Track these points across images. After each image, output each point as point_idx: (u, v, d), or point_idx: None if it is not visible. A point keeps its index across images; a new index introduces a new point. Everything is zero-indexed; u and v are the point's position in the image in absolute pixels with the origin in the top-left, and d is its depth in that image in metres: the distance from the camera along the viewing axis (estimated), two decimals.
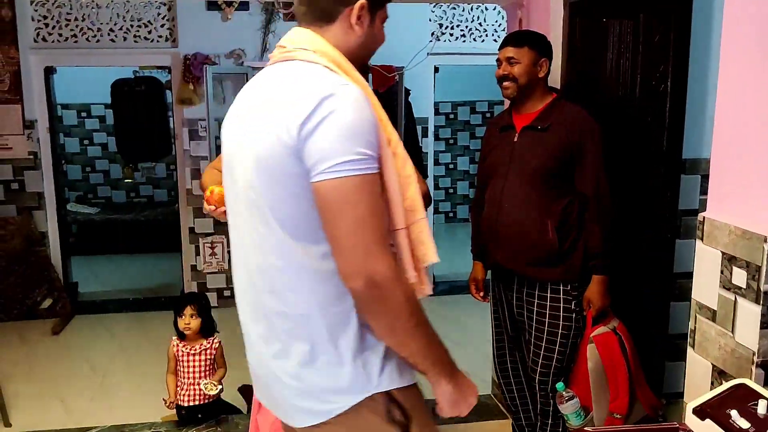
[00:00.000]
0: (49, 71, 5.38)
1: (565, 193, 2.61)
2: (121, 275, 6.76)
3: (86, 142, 8.19)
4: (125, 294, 6.14)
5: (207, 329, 3.38)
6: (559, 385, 2.60)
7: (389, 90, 5.41)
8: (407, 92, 5.56)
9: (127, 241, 7.42)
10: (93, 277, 6.36)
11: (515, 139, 2.69)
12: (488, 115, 8.71)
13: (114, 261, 7.12)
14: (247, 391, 3.86)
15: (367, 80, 5.29)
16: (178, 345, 3.35)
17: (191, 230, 5.64)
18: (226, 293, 5.75)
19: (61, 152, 6.60)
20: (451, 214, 8.84)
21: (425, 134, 5.77)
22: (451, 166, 8.73)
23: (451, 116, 8.60)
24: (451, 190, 8.78)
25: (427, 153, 5.83)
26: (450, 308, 5.80)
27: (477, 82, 7.86)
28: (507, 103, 2.97)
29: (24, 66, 5.20)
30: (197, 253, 5.67)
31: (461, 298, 5.99)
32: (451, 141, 8.67)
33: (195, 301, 3.36)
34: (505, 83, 2.68)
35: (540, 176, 2.60)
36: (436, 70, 5.82)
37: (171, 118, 7.39)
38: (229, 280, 5.74)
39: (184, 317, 3.32)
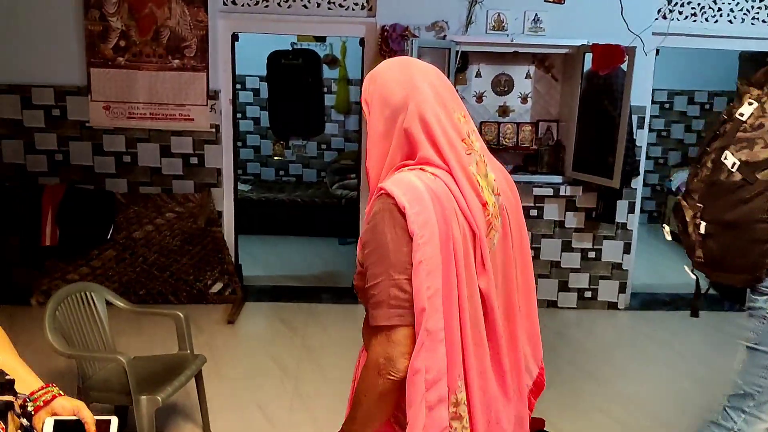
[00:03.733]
0: (234, 38, 4.97)
1: None
2: (280, 259, 6.38)
3: (239, 115, 7.84)
4: (290, 281, 5.75)
5: None
6: None
7: (610, 74, 4.71)
8: (624, 75, 4.82)
9: (283, 222, 7.05)
10: (252, 260, 5.98)
11: None
12: (707, 107, 7.85)
13: (269, 242, 6.76)
14: None
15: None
16: None
17: None
18: None
19: None
20: (655, 214, 8.03)
21: (641, 125, 5.04)
22: (661, 161, 7.93)
23: (666, 105, 7.81)
24: (658, 188, 7.95)
25: (640, 147, 5.10)
26: (654, 325, 5.10)
27: (697, 69, 7.06)
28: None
29: (212, 31, 4.80)
30: None
31: (661, 315, 5.30)
32: (664, 133, 7.88)
33: None
34: None
35: None
36: (657, 52, 5.05)
37: (326, 94, 7.03)
38: None
39: None
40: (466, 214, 1.38)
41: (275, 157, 7.84)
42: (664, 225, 2.56)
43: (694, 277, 2.39)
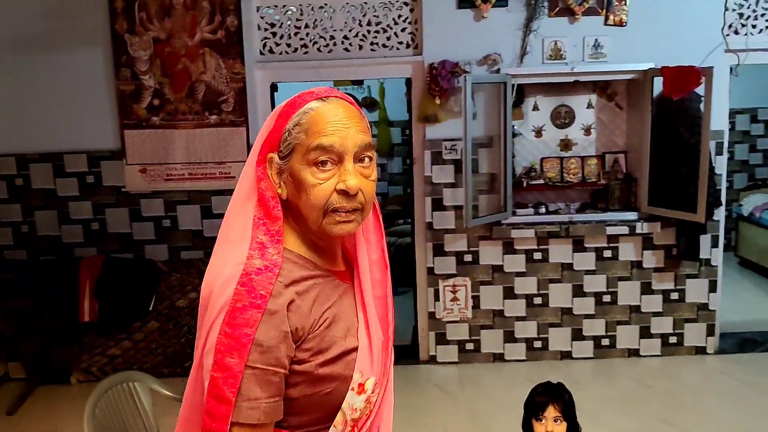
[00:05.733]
0: (273, 88, 4.67)
1: None
2: None
3: None
4: None
5: None
6: None
7: (684, 98, 4.29)
8: (699, 99, 4.40)
9: None
10: None
11: None
12: None
13: None
14: None
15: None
16: None
17: (429, 270, 4.75)
18: (468, 346, 4.80)
19: None
20: (725, 242, 7.38)
21: (719, 151, 4.59)
22: (726, 184, 7.33)
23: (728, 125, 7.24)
24: (726, 214, 7.34)
25: (720, 175, 4.63)
26: (749, 370, 4.58)
27: (758, 85, 6.62)
28: None
29: (249, 82, 4.51)
30: (436, 298, 4.76)
31: (755, 358, 4.76)
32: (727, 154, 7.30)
33: (559, 400, 2.39)
34: None
35: None
36: (730, 71, 4.62)
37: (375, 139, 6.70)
38: (472, 331, 4.81)
39: (544, 421, 2.36)
40: None
41: None
42: None
43: None
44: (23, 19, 4.47)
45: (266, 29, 4.55)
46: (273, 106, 4.68)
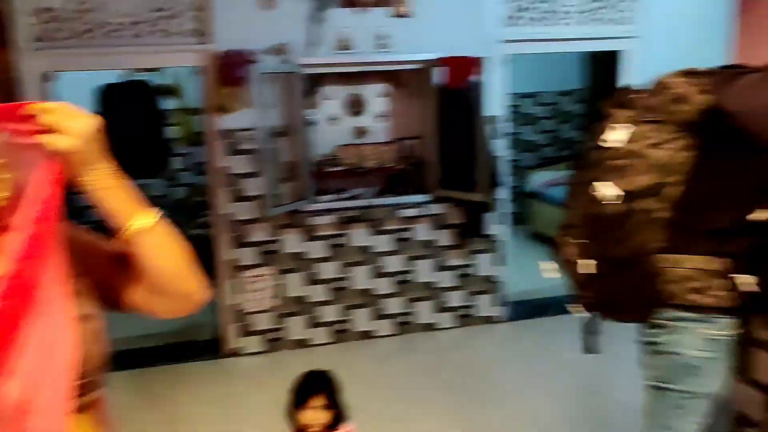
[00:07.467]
0: (45, 78, 4.32)
1: None
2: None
3: None
4: (149, 341, 5.08)
5: (336, 420, 2.49)
6: None
7: (463, 87, 4.57)
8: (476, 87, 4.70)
9: None
10: None
11: None
12: (555, 107, 8.01)
13: None
14: None
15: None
16: None
17: (231, 262, 4.70)
18: (274, 335, 4.83)
19: None
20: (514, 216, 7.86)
21: (497, 135, 4.93)
22: (514, 164, 7.73)
23: (515, 109, 7.26)
24: (515, 191, 7.79)
25: (500, 157, 4.96)
26: (534, 335, 5.03)
27: (541, 71, 7.30)
28: None
29: (19, 73, 4.16)
30: (239, 290, 4.73)
31: (545, 322, 5.20)
32: (515, 136, 7.34)
33: (324, 389, 2.45)
34: None
35: None
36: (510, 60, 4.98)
37: (167, 128, 6.49)
38: (277, 319, 4.84)
39: (308, 411, 2.41)
40: None
41: None
42: (545, 263, 2.31)
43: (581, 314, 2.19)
44: None
45: (41, 13, 4.21)
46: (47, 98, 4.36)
